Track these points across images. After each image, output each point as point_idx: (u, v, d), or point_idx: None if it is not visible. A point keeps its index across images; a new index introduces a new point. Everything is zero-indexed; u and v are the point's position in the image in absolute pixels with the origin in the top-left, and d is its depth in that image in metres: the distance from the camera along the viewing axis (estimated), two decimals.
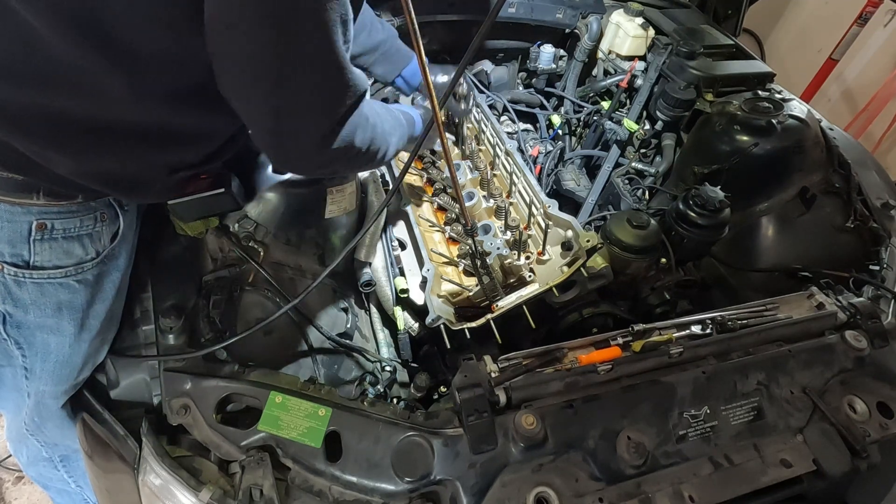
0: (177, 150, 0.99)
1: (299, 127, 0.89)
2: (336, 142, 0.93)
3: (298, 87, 0.82)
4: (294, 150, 0.94)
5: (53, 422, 1.19)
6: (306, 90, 0.84)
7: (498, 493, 0.94)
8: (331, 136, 0.92)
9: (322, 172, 1.16)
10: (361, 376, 1.37)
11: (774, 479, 1.03)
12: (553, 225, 1.41)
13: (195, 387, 1.04)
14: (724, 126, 1.69)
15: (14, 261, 0.93)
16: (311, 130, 0.90)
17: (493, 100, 2.07)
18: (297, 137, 0.91)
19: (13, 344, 1.02)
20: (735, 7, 2.47)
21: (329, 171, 1.13)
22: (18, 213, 0.90)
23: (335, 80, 0.86)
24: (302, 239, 1.34)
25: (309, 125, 0.89)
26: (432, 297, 1.31)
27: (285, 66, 0.80)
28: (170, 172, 1.02)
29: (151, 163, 0.98)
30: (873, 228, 1.55)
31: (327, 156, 0.96)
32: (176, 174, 1.03)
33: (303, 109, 0.86)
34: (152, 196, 1.06)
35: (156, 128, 0.92)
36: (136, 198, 1.05)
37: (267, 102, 0.84)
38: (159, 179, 1.02)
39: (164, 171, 1.01)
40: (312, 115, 0.88)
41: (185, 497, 0.95)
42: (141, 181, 0.99)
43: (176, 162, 1.01)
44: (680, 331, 1.19)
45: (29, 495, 2.09)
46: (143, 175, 0.99)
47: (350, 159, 1.03)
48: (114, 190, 0.97)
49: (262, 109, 0.86)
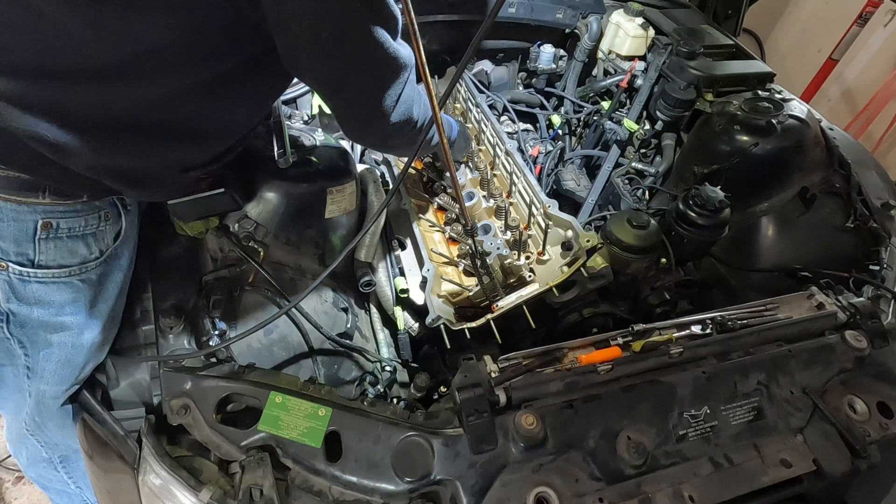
0: (190, 148, 1.00)
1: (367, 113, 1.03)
2: (397, 115, 1.04)
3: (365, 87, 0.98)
4: (367, 130, 1.10)
5: (54, 422, 1.19)
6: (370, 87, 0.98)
7: (498, 493, 0.94)
8: (390, 112, 1.03)
9: (390, 143, 1.22)
10: (361, 376, 1.37)
11: (774, 479, 1.03)
12: (553, 225, 1.41)
13: (195, 387, 1.04)
14: (724, 126, 1.69)
15: (19, 260, 0.93)
16: (377, 112, 1.02)
17: (493, 100, 2.07)
18: (367, 121, 1.06)
19: (16, 343, 1.02)
20: (735, 7, 2.47)
21: (393, 141, 1.19)
22: (24, 212, 0.90)
23: (392, 78, 0.99)
24: (302, 239, 1.34)
25: (374, 109, 1.01)
26: (432, 297, 1.31)
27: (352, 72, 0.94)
28: (182, 171, 1.03)
29: (164, 159, 0.99)
30: (873, 228, 1.55)
31: (392, 129, 1.07)
32: (187, 173, 1.04)
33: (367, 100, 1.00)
34: (161, 194, 1.08)
35: (173, 123, 0.93)
36: (145, 195, 1.06)
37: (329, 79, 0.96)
38: (170, 177, 1.03)
39: (176, 168, 1.02)
40: (376, 102, 1.00)
41: (185, 497, 0.95)
42: (153, 178, 1.00)
43: (189, 160, 1.02)
44: (680, 331, 1.19)
45: (29, 495, 2.09)
46: (155, 172, 1.00)
47: (408, 132, 1.12)
48: (125, 186, 0.97)
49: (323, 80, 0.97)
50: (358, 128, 1.11)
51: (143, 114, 0.89)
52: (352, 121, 1.08)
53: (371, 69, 0.96)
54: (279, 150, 1.25)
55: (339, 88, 0.99)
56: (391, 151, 1.62)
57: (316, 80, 0.99)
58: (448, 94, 1.03)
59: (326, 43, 0.87)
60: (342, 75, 0.94)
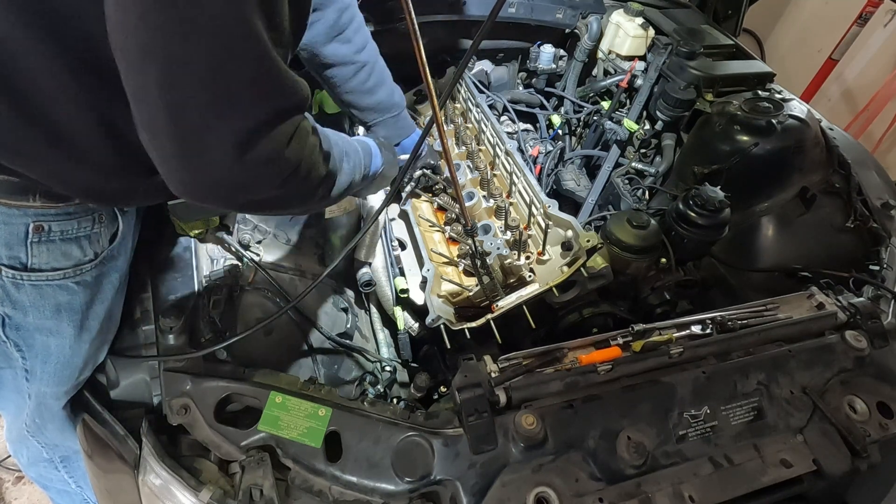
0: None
1: (203, 127, 0.69)
2: (258, 150, 0.73)
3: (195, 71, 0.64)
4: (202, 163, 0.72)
5: (54, 423, 1.19)
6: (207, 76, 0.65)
7: (498, 493, 0.94)
8: (249, 141, 0.72)
9: (248, 201, 0.83)
10: (361, 376, 1.37)
11: (774, 479, 1.03)
12: (553, 225, 1.41)
13: (195, 387, 1.04)
14: (724, 126, 1.69)
15: (12, 263, 0.92)
16: (221, 133, 0.70)
17: (493, 100, 2.07)
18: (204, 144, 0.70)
19: (13, 346, 1.02)
20: (735, 7, 2.47)
21: (257, 198, 0.83)
22: (15, 216, 0.89)
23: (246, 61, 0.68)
24: (302, 239, 1.35)
25: (217, 125, 0.69)
26: (432, 297, 1.31)
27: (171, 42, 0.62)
28: (150, 176, 0.87)
29: (124, 168, 0.91)
30: (873, 228, 1.55)
31: (247, 172, 0.74)
32: (157, 177, 0.83)
33: (203, 100, 0.67)
34: (138, 201, 1.02)
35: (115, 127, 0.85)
36: (121, 204, 1.01)
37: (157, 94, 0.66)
38: (140, 185, 0.95)
39: (144, 175, 0.91)
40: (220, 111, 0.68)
41: (185, 497, 0.95)
42: (120, 188, 0.94)
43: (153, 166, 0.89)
44: (680, 331, 1.19)
45: (29, 495, 2.09)
46: (120, 182, 0.93)
47: (283, 184, 0.81)
48: (94, 198, 0.94)
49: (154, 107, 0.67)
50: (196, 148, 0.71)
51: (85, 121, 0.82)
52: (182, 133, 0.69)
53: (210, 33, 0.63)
54: None
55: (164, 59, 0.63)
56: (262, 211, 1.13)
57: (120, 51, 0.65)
58: (448, 94, 1.03)
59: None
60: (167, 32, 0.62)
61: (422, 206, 1.60)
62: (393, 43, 1.95)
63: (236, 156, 0.72)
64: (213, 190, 0.78)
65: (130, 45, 0.64)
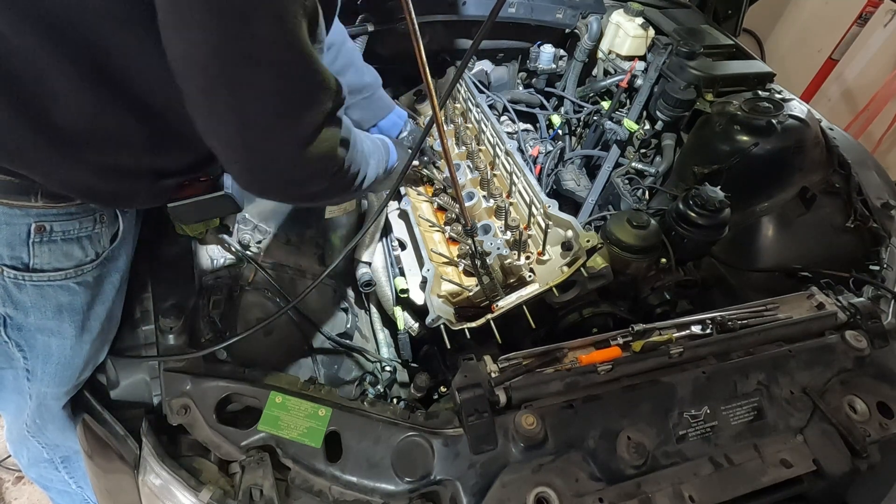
0: (154, 158, 0.96)
1: (268, 137, 0.80)
2: (315, 150, 0.84)
3: (260, 88, 0.75)
4: (269, 166, 0.84)
5: (55, 423, 1.19)
6: (270, 92, 0.76)
7: (498, 493, 0.94)
8: (307, 143, 0.83)
9: (300, 194, 0.98)
10: (361, 376, 1.38)
11: (774, 479, 1.03)
12: (553, 225, 1.41)
13: (195, 387, 1.04)
14: (724, 126, 1.69)
15: (13, 263, 0.92)
16: (284, 139, 0.81)
17: (493, 100, 2.07)
18: (269, 150, 0.81)
19: (14, 346, 1.02)
20: (735, 7, 2.47)
21: (308, 191, 0.96)
22: (17, 216, 0.89)
23: (303, 77, 0.78)
24: (302, 239, 1.35)
25: (280, 133, 0.80)
26: (432, 297, 1.31)
27: (240, 70, 0.72)
28: (153, 181, 0.97)
29: (127, 171, 0.93)
30: (873, 228, 1.55)
31: (307, 169, 0.87)
32: (161, 182, 0.99)
33: (270, 115, 0.78)
34: (140, 203, 1.03)
35: (129, 134, 0.89)
36: (123, 206, 1.02)
37: (228, 114, 0.76)
38: (142, 189, 0.98)
39: (146, 179, 0.96)
40: (282, 121, 0.79)
41: (185, 497, 0.95)
42: (122, 191, 0.96)
43: (155, 170, 0.97)
44: (680, 331, 1.19)
45: (29, 495, 2.10)
46: (122, 185, 0.95)
47: (331, 177, 0.94)
48: (97, 201, 0.95)
49: (225, 122, 0.78)
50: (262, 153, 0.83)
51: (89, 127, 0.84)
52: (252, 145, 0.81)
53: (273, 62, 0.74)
54: None
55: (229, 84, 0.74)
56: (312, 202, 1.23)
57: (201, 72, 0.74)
58: (448, 94, 1.03)
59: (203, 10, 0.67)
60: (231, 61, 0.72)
61: (422, 206, 1.60)
62: (393, 43, 1.97)
63: (297, 157, 0.84)
64: (275, 186, 0.92)
65: (201, 74, 0.73)
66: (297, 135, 0.82)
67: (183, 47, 0.72)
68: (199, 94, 0.76)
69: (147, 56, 0.78)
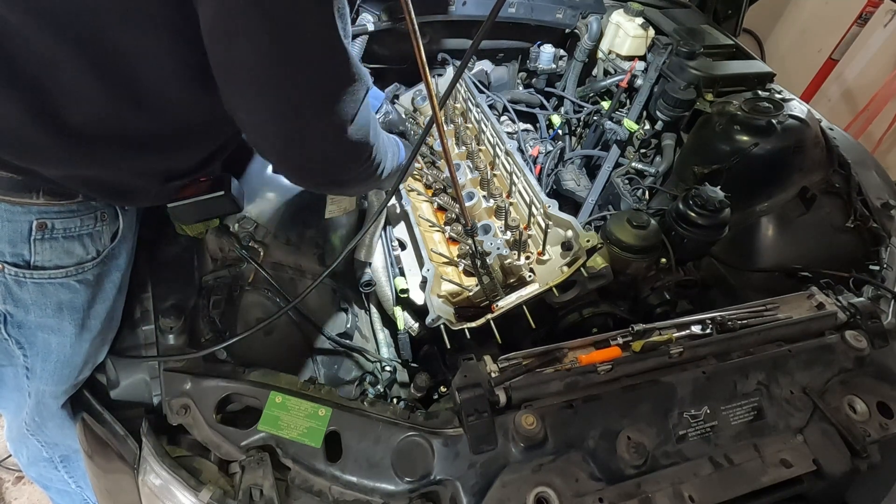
0: (166, 158, 0.98)
1: (315, 127, 0.86)
2: (353, 136, 0.90)
3: (306, 84, 0.81)
4: (314, 154, 0.91)
5: (54, 422, 1.19)
6: (315, 87, 0.82)
7: (498, 493, 0.94)
8: (347, 129, 0.89)
9: (335, 179, 1.03)
10: (361, 376, 1.37)
11: (774, 479, 1.03)
12: (553, 225, 1.41)
13: (195, 387, 1.04)
14: (724, 126, 1.69)
15: (15, 261, 0.92)
16: (328, 128, 0.87)
17: (493, 100, 2.07)
18: (314, 139, 0.88)
19: (14, 344, 1.02)
20: (735, 7, 2.47)
21: (343, 177, 1.02)
22: (18, 213, 0.90)
23: (343, 71, 0.84)
24: (302, 239, 1.34)
25: (325, 123, 0.86)
26: (432, 297, 1.31)
27: (289, 68, 0.78)
28: (164, 181, 1.00)
29: (140, 171, 0.96)
30: (873, 228, 1.55)
31: (345, 155, 0.94)
32: (170, 182, 1.02)
33: (315, 108, 0.83)
34: (148, 201, 1.06)
35: (142, 134, 0.90)
36: (130, 203, 1.04)
37: (277, 107, 0.82)
38: (152, 188, 1.01)
39: (158, 178, 0.99)
40: (326, 112, 0.85)
41: (185, 497, 0.95)
42: (132, 189, 0.98)
43: (166, 169, 1.00)
44: (680, 331, 1.19)
45: (29, 495, 2.10)
46: (133, 183, 0.97)
47: (364, 163, 0.99)
48: (106, 196, 0.96)
49: (273, 114, 0.83)
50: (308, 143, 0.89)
51: (103, 125, 0.86)
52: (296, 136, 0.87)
53: (319, 61, 0.80)
54: None
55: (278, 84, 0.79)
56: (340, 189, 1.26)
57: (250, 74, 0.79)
58: (448, 94, 1.03)
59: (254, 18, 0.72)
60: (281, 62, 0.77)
61: (422, 206, 1.60)
62: (393, 43, 1.97)
63: (338, 144, 0.90)
64: (316, 171, 0.96)
65: (249, 75, 0.78)
66: (338, 123, 0.88)
67: (232, 52, 0.76)
68: (247, 94, 0.81)
69: (160, 56, 0.81)
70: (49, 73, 0.79)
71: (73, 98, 0.82)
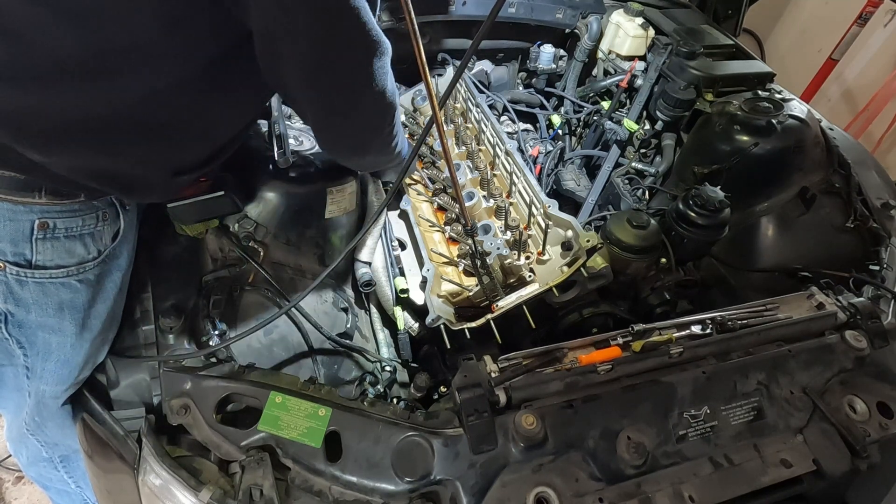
0: (177, 150, 0.99)
1: (358, 94, 0.98)
2: (386, 98, 1.01)
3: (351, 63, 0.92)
4: (357, 120, 1.04)
5: (54, 421, 1.19)
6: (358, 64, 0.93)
7: (498, 493, 0.94)
8: (382, 90, 0.99)
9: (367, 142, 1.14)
10: (361, 376, 1.37)
11: (774, 479, 1.03)
12: (553, 225, 1.41)
13: (195, 387, 1.04)
14: (724, 126, 1.69)
15: (16, 260, 0.93)
16: (367, 91, 0.97)
17: (493, 100, 2.07)
18: (357, 104, 0.99)
19: (15, 343, 1.02)
20: (735, 7, 2.47)
21: (374, 141, 1.13)
22: (21, 212, 0.90)
23: (378, 48, 0.94)
24: (302, 239, 1.34)
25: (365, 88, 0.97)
26: (432, 297, 1.31)
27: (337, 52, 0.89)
28: (172, 174, 1.02)
29: (150, 162, 0.98)
30: (873, 228, 1.55)
31: (379, 116, 1.05)
32: (179, 177, 1.03)
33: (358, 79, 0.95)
34: (155, 197, 1.07)
35: (156, 124, 0.92)
36: (138, 198, 1.05)
37: (326, 88, 0.94)
38: (160, 181, 1.02)
39: (166, 172, 1.00)
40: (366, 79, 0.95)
41: (185, 497, 0.95)
42: (141, 182, 0.99)
43: (177, 162, 1.01)
44: (680, 331, 1.19)
45: (29, 495, 2.10)
46: (142, 176, 0.98)
47: (389, 126, 1.10)
48: (114, 189, 0.97)
49: (323, 95, 0.95)
50: (338, 122, 1.04)
51: (124, 114, 0.87)
52: (332, 114, 1.02)
53: (356, 47, 0.91)
54: (279, 150, 1.25)
55: (320, 71, 0.91)
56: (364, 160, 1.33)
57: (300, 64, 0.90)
58: (448, 94, 1.03)
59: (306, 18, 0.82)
60: (323, 54, 0.88)
61: (422, 206, 1.60)
62: (393, 43, 1.96)
63: (374, 103, 1.01)
64: (355, 133, 1.09)
65: (300, 67, 0.89)
66: (375, 87, 0.98)
67: (286, 49, 0.85)
68: (300, 81, 0.92)
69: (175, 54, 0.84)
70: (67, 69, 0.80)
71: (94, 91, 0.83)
